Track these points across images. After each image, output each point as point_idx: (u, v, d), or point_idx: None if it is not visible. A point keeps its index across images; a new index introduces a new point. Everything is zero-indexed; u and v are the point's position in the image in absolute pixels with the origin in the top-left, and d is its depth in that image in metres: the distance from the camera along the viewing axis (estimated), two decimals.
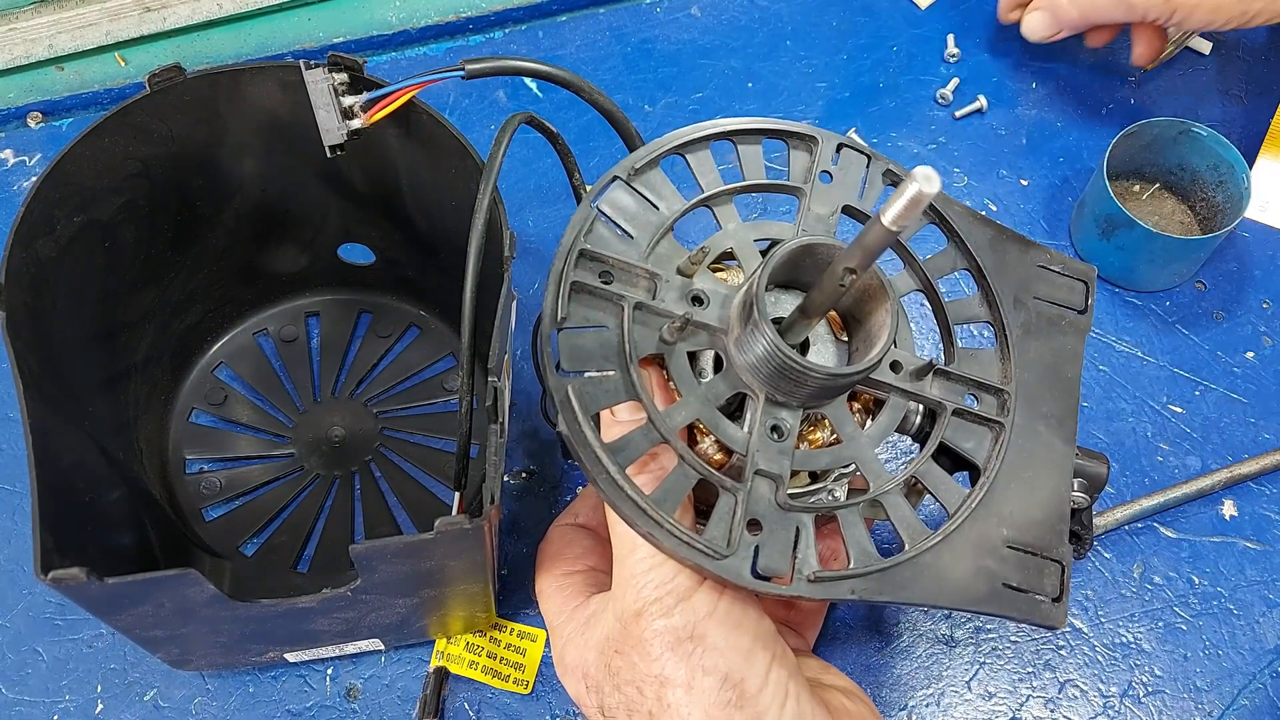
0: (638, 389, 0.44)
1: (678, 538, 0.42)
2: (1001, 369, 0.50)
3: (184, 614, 0.49)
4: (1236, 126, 0.85)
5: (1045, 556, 0.48)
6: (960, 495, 0.47)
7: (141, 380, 0.67)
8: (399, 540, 0.46)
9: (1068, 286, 0.53)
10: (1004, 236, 0.52)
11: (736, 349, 0.44)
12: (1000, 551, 0.47)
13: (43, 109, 0.80)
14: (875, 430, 0.47)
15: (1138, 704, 0.64)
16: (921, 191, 0.35)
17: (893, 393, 0.47)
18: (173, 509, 0.67)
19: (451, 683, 0.62)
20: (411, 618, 0.57)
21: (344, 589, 0.49)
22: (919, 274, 0.50)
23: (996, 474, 0.48)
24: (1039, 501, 0.48)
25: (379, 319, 0.74)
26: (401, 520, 0.67)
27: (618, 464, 0.42)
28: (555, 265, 0.45)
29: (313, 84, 0.52)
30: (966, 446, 0.48)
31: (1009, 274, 0.51)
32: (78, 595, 0.46)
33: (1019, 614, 0.47)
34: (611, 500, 0.42)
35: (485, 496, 0.48)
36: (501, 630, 0.63)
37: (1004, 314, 0.50)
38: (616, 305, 0.45)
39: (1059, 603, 0.48)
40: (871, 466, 0.46)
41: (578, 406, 0.43)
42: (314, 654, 0.60)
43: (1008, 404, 0.49)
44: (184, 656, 0.57)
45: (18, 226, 0.52)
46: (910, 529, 0.46)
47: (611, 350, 0.44)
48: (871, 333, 0.45)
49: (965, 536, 0.46)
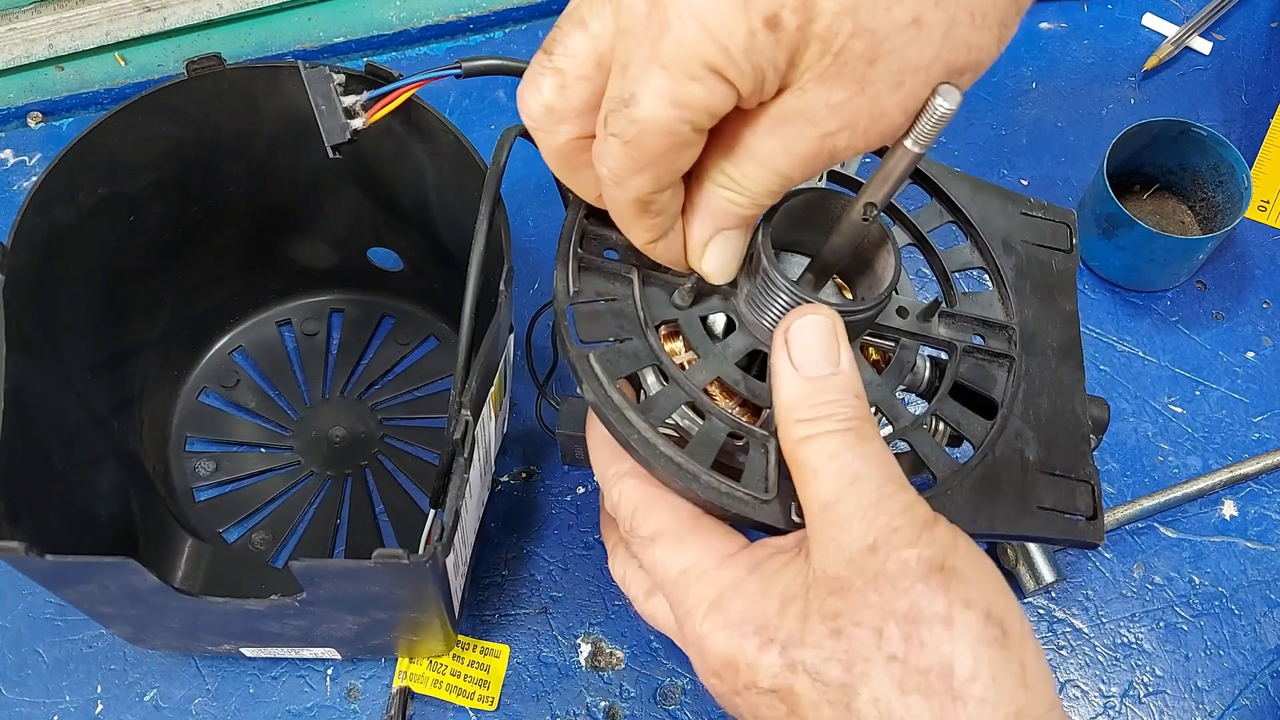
0: (657, 353, 0.44)
1: (717, 489, 0.42)
2: (1003, 307, 0.51)
3: (131, 598, 0.49)
4: (1236, 126, 0.85)
5: (1074, 478, 0.48)
6: (984, 427, 0.47)
7: (155, 354, 0.67)
8: (339, 563, 0.47)
9: (1051, 230, 0.54)
10: (982, 188, 0.54)
11: (747, 306, 0.44)
12: (1031, 476, 0.47)
13: (43, 109, 0.80)
14: (890, 375, 0.47)
15: (1138, 704, 0.64)
16: (945, 106, 0.35)
17: (903, 337, 0.48)
18: (165, 486, 0.67)
19: (416, 703, 0.62)
20: (365, 635, 0.57)
21: (291, 598, 0.49)
22: (909, 227, 0.51)
23: (1014, 405, 0.48)
24: (1059, 426, 0.49)
25: (400, 325, 0.74)
26: (385, 531, 0.67)
27: (649, 422, 0.43)
28: (561, 247, 0.46)
29: (312, 84, 0.53)
30: (981, 382, 0.49)
31: (994, 223, 0.53)
32: (19, 566, 0.46)
33: (1059, 533, 0.47)
34: (646, 459, 0.42)
35: (435, 532, 0.48)
36: (465, 648, 0.63)
37: (996, 257, 0.52)
38: (625, 277, 0.46)
39: (1094, 520, 0.48)
40: (895, 408, 0.46)
41: (601, 373, 0.43)
42: (271, 653, 0.60)
43: (1014, 338, 0.50)
44: (138, 635, 0.57)
45: (35, 191, 0.52)
46: (941, 463, 0.46)
47: (627, 319, 0.45)
48: (877, 276, 0.45)
49: (995, 465, 0.47)
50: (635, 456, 0.43)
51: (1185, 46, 0.88)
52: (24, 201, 0.52)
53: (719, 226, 0.41)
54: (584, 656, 0.64)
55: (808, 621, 0.38)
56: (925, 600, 0.37)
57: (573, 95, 0.38)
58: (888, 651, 0.37)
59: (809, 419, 0.40)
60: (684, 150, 0.37)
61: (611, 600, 0.65)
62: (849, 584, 0.38)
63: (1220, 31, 0.89)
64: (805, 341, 0.41)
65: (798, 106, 0.35)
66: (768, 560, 0.41)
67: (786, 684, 0.39)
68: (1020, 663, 0.37)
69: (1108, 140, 0.74)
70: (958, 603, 0.37)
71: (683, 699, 0.63)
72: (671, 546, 0.43)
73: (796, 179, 0.38)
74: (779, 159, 0.37)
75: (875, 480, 0.39)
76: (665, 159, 0.37)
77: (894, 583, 0.38)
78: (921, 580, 0.38)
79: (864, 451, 0.39)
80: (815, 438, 0.40)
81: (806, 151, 0.36)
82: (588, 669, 0.64)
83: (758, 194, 0.39)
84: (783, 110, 0.36)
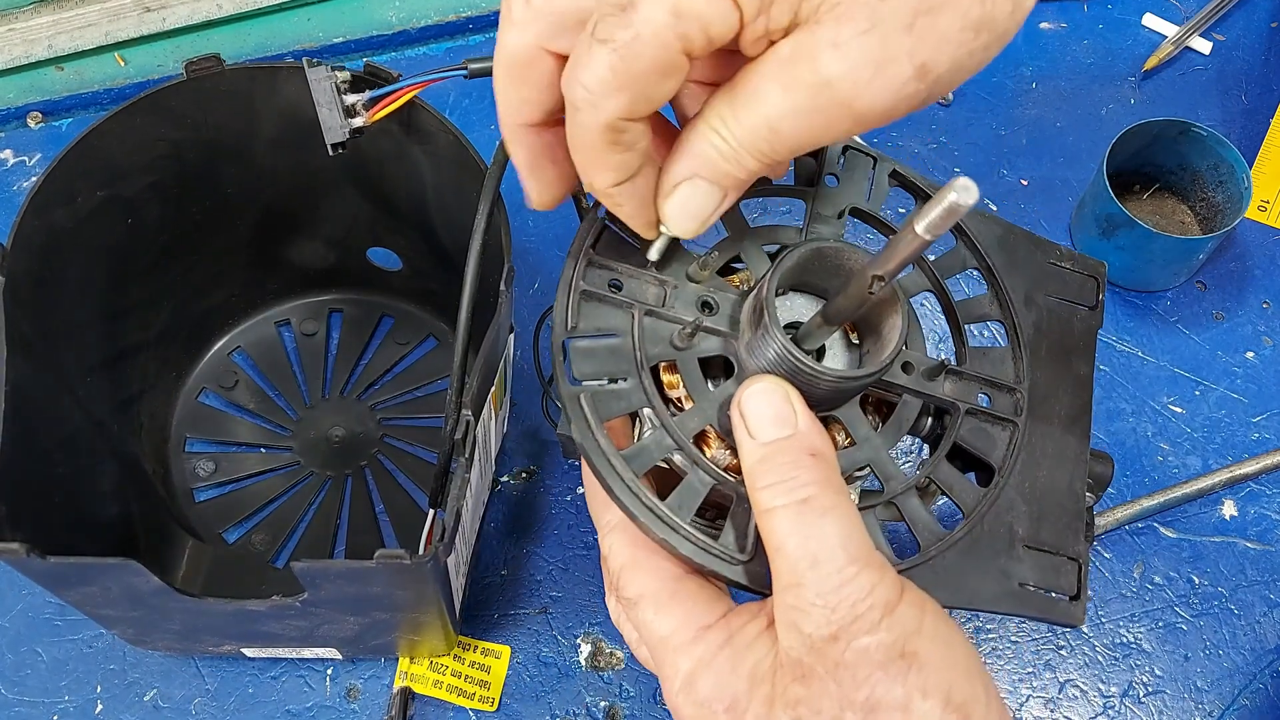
0: (649, 397, 0.43)
1: (695, 544, 0.42)
2: (1014, 367, 0.49)
3: (132, 599, 0.49)
4: (1236, 126, 0.85)
5: (1062, 555, 0.48)
6: (976, 495, 0.47)
7: (153, 355, 0.67)
8: (340, 564, 0.47)
9: (1078, 283, 0.52)
10: (1013, 234, 0.52)
11: (748, 353, 0.44)
12: (1016, 551, 0.46)
13: (42, 109, 0.80)
14: (888, 432, 0.46)
15: (1138, 704, 0.64)
16: (959, 203, 0.35)
17: (905, 394, 0.47)
18: (164, 486, 0.67)
19: (416, 703, 0.62)
20: (366, 635, 0.57)
21: (293, 599, 0.49)
22: (929, 274, 0.50)
23: (1011, 473, 0.47)
24: (1054, 500, 0.48)
25: (400, 325, 0.74)
26: (385, 531, 0.67)
27: (633, 471, 0.42)
28: (564, 274, 0.45)
29: (315, 82, 0.53)
30: (981, 446, 0.48)
31: (1019, 272, 0.51)
32: (20, 568, 0.46)
33: (1038, 613, 0.47)
34: (627, 507, 0.42)
35: (435, 532, 0.48)
36: (466, 649, 0.63)
37: (1015, 312, 0.50)
38: (626, 312, 0.45)
39: (1077, 600, 0.47)
40: (887, 468, 0.45)
41: (590, 415, 0.42)
42: (272, 653, 0.61)
43: (1020, 403, 0.48)
44: (139, 637, 0.57)
45: (34, 193, 0.52)
46: (927, 531, 0.45)
47: (623, 358, 0.44)
48: (883, 336, 0.44)
49: (981, 537, 0.46)
50: (617, 503, 0.42)
51: (1185, 46, 0.88)
52: (23, 204, 0.52)
53: (695, 171, 0.39)
54: (584, 656, 0.64)
55: (773, 707, 0.39)
56: (883, 689, 0.38)
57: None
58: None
59: (768, 485, 0.40)
60: (668, 76, 0.35)
61: None
62: (811, 671, 0.39)
63: (1220, 31, 0.89)
64: (757, 409, 0.41)
65: (802, 44, 0.34)
66: (741, 632, 0.42)
67: None
68: None
69: (1108, 140, 0.74)
70: (915, 691, 0.38)
71: None
72: (653, 610, 0.43)
73: (788, 140, 0.36)
74: (773, 105, 0.36)
75: (837, 563, 0.39)
76: (649, 79, 0.35)
77: (853, 672, 0.38)
78: (880, 669, 0.38)
79: (824, 527, 0.39)
80: (775, 511, 0.40)
81: (802, 101, 0.35)
82: (588, 669, 0.64)
83: (744, 144, 0.37)
84: (786, 50, 0.35)
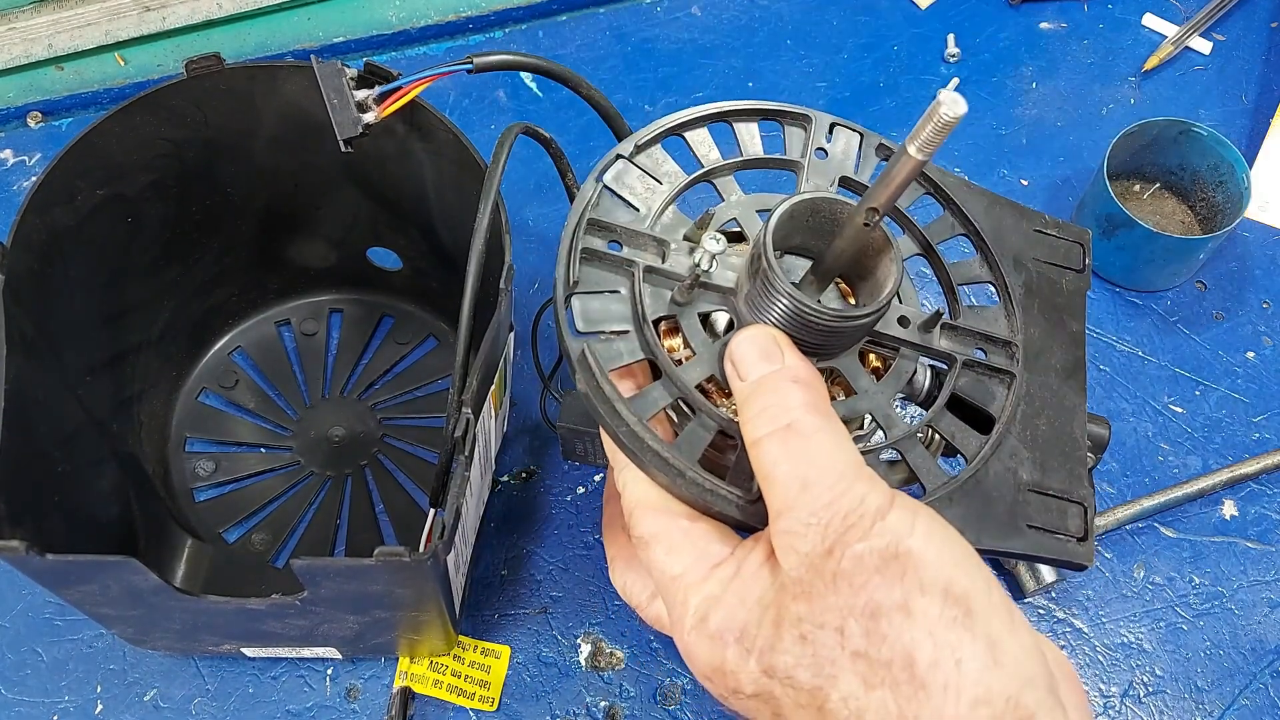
0: (652, 347, 0.44)
1: (700, 485, 0.42)
2: (1008, 323, 0.50)
3: (132, 598, 0.49)
4: (1236, 126, 0.85)
5: (1067, 499, 0.48)
6: (978, 442, 0.47)
7: (154, 355, 0.67)
8: (340, 562, 0.47)
9: (1064, 249, 0.54)
10: (999, 204, 0.53)
11: (747, 306, 0.44)
12: (1021, 495, 0.47)
13: (42, 109, 0.80)
14: (888, 382, 0.47)
15: (1138, 704, 0.64)
16: (948, 114, 0.35)
17: (902, 347, 0.47)
18: (164, 486, 0.67)
19: (416, 703, 0.62)
20: (366, 634, 0.57)
21: (292, 598, 0.49)
22: (918, 237, 0.51)
23: (1013, 421, 0.48)
24: (1056, 447, 0.49)
25: (400, 325, 0.74)
26: (385, 530, 0.67)
27: (637, 415, 0.43)
28: (565, 235, 0.46)
29: (325, 78, 0.53)
30: (979, 397, 0.48)
31: (1006, 238, 0.52)
32: (20, 566, 0.46)
33: (1046, 552, 0.47)
34: (632, 451, 0.43)
35: (435, 531, 0.48)
36: (466, 648, 0.63)
37: (1005, 274, 0.51)
38: (627, 270, 0.46)
39: (1084, 542, 0.48)
40: (888, 416, 0.46)
41: (594, 364, 0.43)
42: (271, 652, 0.60)
43: (1016, 355, 0.49)
44: (139, 636, 0.57)
45: (34, 192, 0.52)
46: (929, 473, 0.46)
47: (624, 313, 0.45)
48: (878, 283, 0.45)
49: (985, 481, 0.47)
50: (623, 449, 0.43)
51: (1185, 46, 0.88)
52: (23, 203, 0.52)
53: None
54: (584, 656, 0.64)
55: (780, 629, 0.39)
56: (882, 592, 0.37)
57: None
58: (851, 649, 0.37)
59: (754, 415, 0.41)
60: None
61: (611, 600, 0.65)
62: (811, 587, 0.39)
63: (1220, 31, 0.89)
64: (745, 351, 0.42)
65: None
66: (747, 563, 0.42)
67: (767, 689, 0.39)
68: (987, 641, 0.37)
69: (1108, 140, 0.74)
70: (914, 589, 0.37)
71: (683, 699, 0.63)
72: (665, 550, 0.44)
73: None
74: None
75: (826, 481, 0.39)
76: None
77: (850, 580, 0.38)
78: (876, 573, 0.37)
79: (811, 450, 0.40)
80: (762, 440, 0.40)
81: None
82: (588, 669, 0.64)
83: None
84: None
